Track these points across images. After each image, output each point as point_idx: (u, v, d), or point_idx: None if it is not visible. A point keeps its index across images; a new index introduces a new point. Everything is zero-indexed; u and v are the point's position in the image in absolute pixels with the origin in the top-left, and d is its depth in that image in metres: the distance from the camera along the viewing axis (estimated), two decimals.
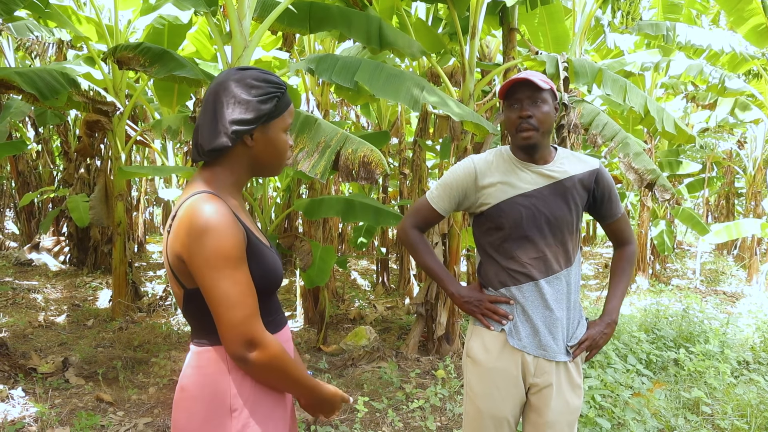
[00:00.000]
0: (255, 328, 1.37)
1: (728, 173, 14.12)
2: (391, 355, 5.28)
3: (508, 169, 2.06)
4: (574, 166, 2.07)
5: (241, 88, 1.44)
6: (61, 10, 6.05)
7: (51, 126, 10.09)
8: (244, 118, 1.43)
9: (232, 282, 1.36)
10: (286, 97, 1.51)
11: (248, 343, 1.36)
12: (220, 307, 1.35)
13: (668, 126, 5.05)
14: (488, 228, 2.08)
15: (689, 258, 13.67)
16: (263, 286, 1.47)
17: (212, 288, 1.35)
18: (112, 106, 5.75)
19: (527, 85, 1.97)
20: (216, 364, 1.44)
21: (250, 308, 1.38)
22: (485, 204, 2.06)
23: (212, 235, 1.35)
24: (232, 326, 1.35)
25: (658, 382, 4.32)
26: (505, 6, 5.63)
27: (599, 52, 8.97)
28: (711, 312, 6.50)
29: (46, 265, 9.76)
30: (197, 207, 1.38)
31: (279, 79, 1.51)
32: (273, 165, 1.54)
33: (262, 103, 1.44)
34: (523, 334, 2.02)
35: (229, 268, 1.36)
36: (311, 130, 3.57)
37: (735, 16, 8.34)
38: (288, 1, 4.19)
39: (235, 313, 1.35)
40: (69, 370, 4.65)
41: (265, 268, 1.47)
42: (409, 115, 10.66)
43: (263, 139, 1.48)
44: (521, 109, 1.98)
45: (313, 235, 6.48)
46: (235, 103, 1.43)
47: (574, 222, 2.06)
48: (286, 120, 1.52)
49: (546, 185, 2.03)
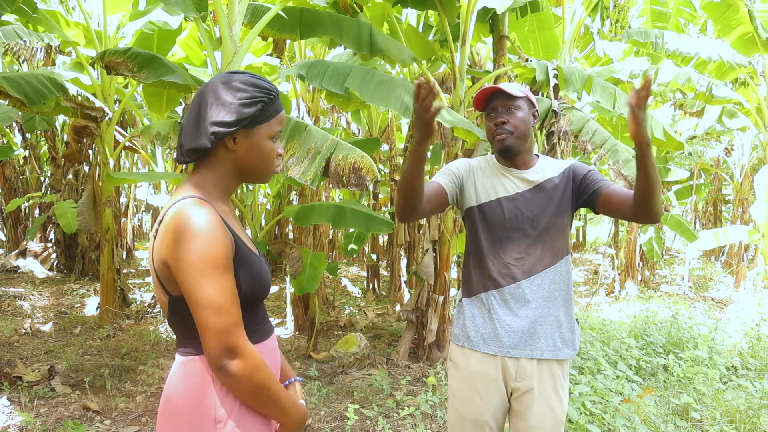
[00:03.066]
0: (237, 337, 1.34)
1: (716, 180, 14.23)
2: (382, 362, 5.26)
3: (493, 173, 2.17)
4: (552, 170, 2.16)
5: (227, 91, 1.43)
6: (49, 14, 6.01)
7: (39, 131, 10.01)
8: (224, 120, 1.41)
9: (217, 288, 1.33)
10: (275, 104, 1.48)
11: (229, 351, 1.33)
12: (203, 314, 1.33)
13: (657, 133, 5.08)
14: (474, 229, 2.16)
15: (678, 264, 13.75)
16: (250, 295, 1.44)
17: (196, 294, 1.33)
18: (100, 111, 5.71)
19: (500, 95, 2.09)
20: (201, 373, 1.41)
21: (234, 316, 1.35)
22: (470, 202, 2.15)
23: (199, 240, 1.33)
24: (213, 334, 1.32)
25: (648, 389, 4.33)
26: (495, 13, 5.65)
27: (589, 60, 9.02)
28: (700, 318, 6.53)
29: (33, 271, 9.65)
30: (185, 211, 1.36)
31: (271, 85, 1.48)
32: (258, 171, 1.51)
33: (244, 106, 1.42)
34: (504, 337, 2.05)
35: (215, 275, 1.33)
36: (301, 136, 3.56)
37: (722, 24, 8.42)
38: (278, 7, 4.18)
39: (219, 320, 1.32)
40: (55, 379, 4.59)
41: (252, 277, 1.45)
42: (400, 122, 10.67)
43: (247, 144, 1.46)
44: (496, 117, 2.10)
45: (303, 241, 6.46)
46: (218, 105, 1.42)
47: (557, 222, 2.11)
48: (273, 127, 1.48)
49: (528, 189, 2.12)
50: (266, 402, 1.42)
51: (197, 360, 1.42)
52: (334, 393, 4.52)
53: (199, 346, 1.39)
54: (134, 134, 5.81)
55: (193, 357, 1.42)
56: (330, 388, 4.61)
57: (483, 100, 2.15)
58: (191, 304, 1.34)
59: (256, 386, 1.38)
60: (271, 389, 1.41)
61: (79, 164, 9.14)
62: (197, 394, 1.40)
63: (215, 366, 1.34)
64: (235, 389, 1.38)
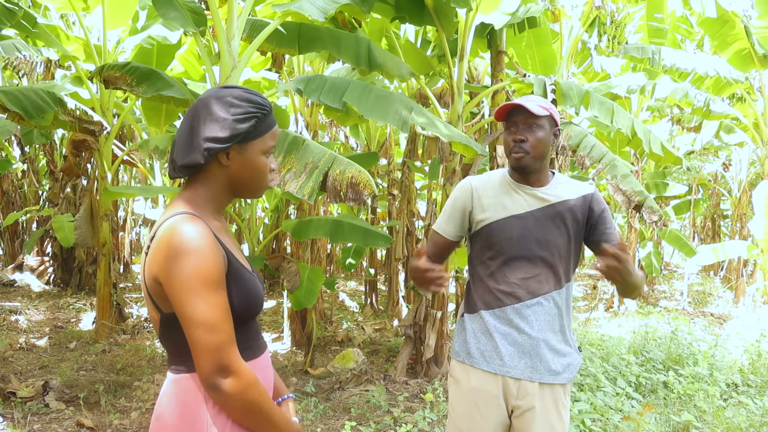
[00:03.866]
0: (230, 355, 1.32)
1: (714, 195, 14.25)
2: (379, 378, 5.22)
3: (504, 190, 2.11)
4: (568, 192, 2.10)
5: (220, 106, 1.41)
6: (49, 29, 6.02)
7: (37, 145, 10.01)
8: (218, 136, 1.39)
9: (208, 305, 1.31)
10: (268, 119, 1.47)
11: (222, 369, 1.31)
12: (195, 332, 1.31)
13: (655, 147, 5.09)
14: (480, 247, 2.12)
15: (677, 279, 13.72)
16: (242, 312, 1.42)
17: (188, 311, 1.31)
18: (98, 125, 5.71)
19: (523, 111, 2.01)
20: (193, 391, 1.39)
21: (227, 334, 1.33)
22: (480, 222, 2.10)
23: (191, 257, 1.31)
24: (206, 351, 1.30)
25: (648, 406, 4.29)
26: (493, 29, 5.67)
27: (586, 75, 9.07)
28: (699, 334, 6.49)
29: (29, 286, 9.61)
30: (177, 227, 1.34)
31: (264, 100, 1.47)
32: (251, 187, 1.49)
33: (238, 122, 1.40)
34: (505, 357, 2.02)
35: (207, 291, 1.32)
36: (299, 151, 3.56)
37: (719, 40, 8.48)
38: (277, 22, 4.19)
39: (211, 338, 1.30)
40: (49, 394, 4.54)
41: (245, 293, 1.43)
42: (398, 137, 10.69)
43: (240, 159, 1.44)
44: (516, 132, 2.03)
45: (301, 256, 6.44)
46: (211, 120, 1.40)
47: (564, 246, 2.07)
48: (266, 142, 1.47)
49: (539, 208, 2.06)
50: (259, 420, 1.39)
51: (189, 378, 1.40)
52: (330, 409, 4.48)
53: (191, 364, 1.37)
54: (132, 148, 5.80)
55: (185, 375, 1.40)
56: (327, 404, 4.57)
57: (505, 112, 2.09)
58: (183, 322, 1.33)
59: (249, 404, 1.36)
60: (264, 407, 1.38)
61: (77, 178, 9.13)
62: (189, 412, 1.38)
63: (207, 384, 1.32)
64: (228, 407, 1.36)
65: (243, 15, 4.27)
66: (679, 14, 9.80)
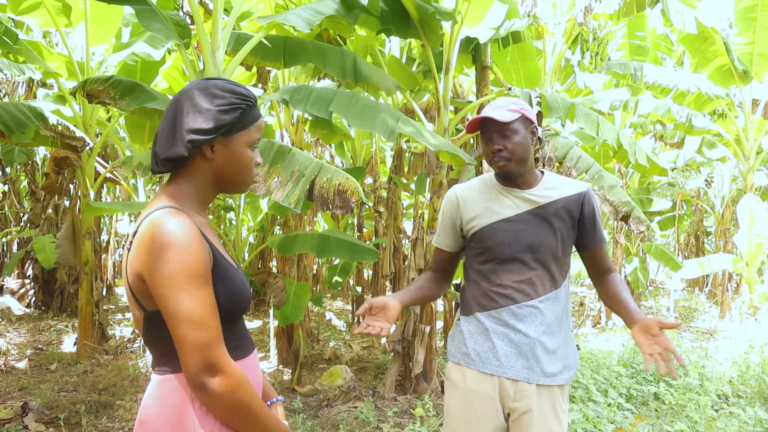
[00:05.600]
0: (218, 353, 1.27)
1: (697, 211, 14.37)
2: (368, 394, 5.13)
3: (491, 195, 2.08)
4: (560, 190, 2.07)
5: (204, 97, 1.37)
6: (31, 45, 5.97)
7: (19, 165, 9.89)
8: (202, 127, 1.35)
9: (194, 301, 1.26)
10: (253, 110, 1.44)
11: (209, 367, 1.25)
12: (180, 328, 1.25)
13: (641, 159, 5.11)
14: (473, 252, 2.10)
15: (663, 296, 13.76)
16: (229, 308, 1.37)
17: (173, 307, 1.26)
18: (81, 141, 5.64)
19: (491, 121, 1.99)
20: (179, 393, 1.33)
21: (214, 331, 1.28)
22: (471, 229, 2.08)
23: (175, 252, 1.26)
24: (192, 349, 1.25)
25: (640, 416, 4.25)
26: (478, 43, 5.72)
27: (570, 92, 9.14)
28: (688, 345, 6.48)
29: (10, 308, 9.41)
30: (160, 222, 1.29)
31: (248, 91, 1.43)
32: (236, 181, 1.45)
33: (223, 113, 1.37)
34: (502, 357, 1.98)
35: (193, 287, 1.26)
36: (285, 160, 3.52)
37: (699, 57, 8.60)
38: (262, 35, 4.18)
39: (197, 335, 1.25)
40: (28, 416, 4.41)
41: (231, 289, 1.38)
42: (384, 154, 10.70)
43: (225, 152, 1.40)
44: (491, 142, 2.01)
45: (287, 273, 6.36)
46: (194, 112, 1.36)
47: (558, 246, 2.04)
48: (252, 134, 1.43)
49: (528, 210, 2.03)
50: (249, 420, 1.33)
51: (174, 379, 1.34)
52: (319, 426, 4.39)
53: (176, 364, 1.32)
54: (116, 165, 5.73)
55: (170, 376, 1.34)
56: (315, 421, 4.48)
57: (475, 126, 2.07)
58: (168, 319, 1.27)
59: (238, 404, 1.30)
60: (253, 407, 1.33)
61: (59, 196, 9.01)
62: (175, 414, 1.32)
63: (194, 383, 1.26)
64: (216, 408, 1.30)
65: (227, 28, 4.25)
66: (660, 32, 9.97)
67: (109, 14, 5.87)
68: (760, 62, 8.72)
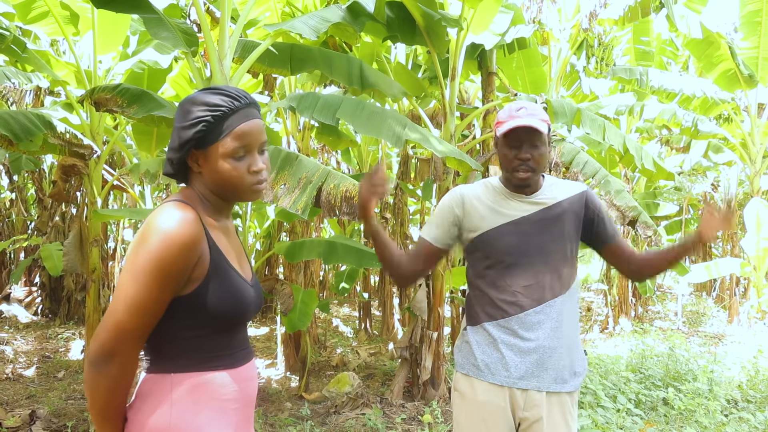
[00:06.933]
0: (128, 347, 1.27)
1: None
2: (376, 401, 5.12)
3: (497, 198, 2.06)
4: (563, 192, 2.06)
5: (179, 114, 1.40)
6: (39, 54, 6.01)
7: (26, 173, 9.93)
8: (172, 145, 1.40)
9: (144, 291, 1.26)
10: (228, 119, 1.38)
11: (113, 354, 1.26)
12: (117, 304, 1.26)
13: (647, 163, 5.10)
14: (478, 258, 2.06)
15: (670, 300, 13.70)
16: (223, 314, 1.37)
17: (125, 284, 1.27)
18: (88, 149, 5.66)
19: (529, 129, 1.95)
20: (160, 392, 1.34)
21: (140, 325, 1.28)
22: (474, 231, 2.04)
23: (157, 239, 1.27)
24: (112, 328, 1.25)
25: (650, 422, 4.23)
26: (483, 50, 5.73)
27: (575, 98, 9.14)
28: (696, 350, 6.46)
29: (17, 317, 9.44)
30: (159, 211, 1.32)
31: (224, 100, 1.38)
32: (227, 191, 1.43)
33: (184, 129, 1.37)
34: (512, 367, 1.96)
35: (152, 278, 1.26)
36: (292, 166, 3.53)
37: (705, 61, 8.60)
38: (269, 42, 4.20)
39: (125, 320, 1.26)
40: (36, 424, 4.42)
41: (228, 295, 1.37)
42: (390, 161, 10.70)
43: (206, 165, 1.40)
44: (520, 150, 1.96)
45: (294, 279, 6.36)
46: (173, 129, 1.41)
47: (566, 248, 2.02)
48: (226, 145, 1.37)
49: (534, 212, 2.02)
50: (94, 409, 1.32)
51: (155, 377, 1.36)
52: None
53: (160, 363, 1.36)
54: (123, 172, 5.75)
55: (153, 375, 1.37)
56: (323, 428, 4.47)
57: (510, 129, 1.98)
58: (116, 293, 1.28)
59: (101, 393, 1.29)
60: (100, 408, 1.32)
61: (67, 204, 9.05)
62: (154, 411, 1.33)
63: (92, 355, 1.27)
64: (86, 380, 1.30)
65: (234, 35, 4.27)
66: (665, 37, 9.97)
67: (117, 23, 5.90)
68: (766, 66, 8.71)
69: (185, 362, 1.36)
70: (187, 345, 1.36)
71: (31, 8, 5.67)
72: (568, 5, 7.09)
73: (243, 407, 1.44)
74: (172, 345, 1.36)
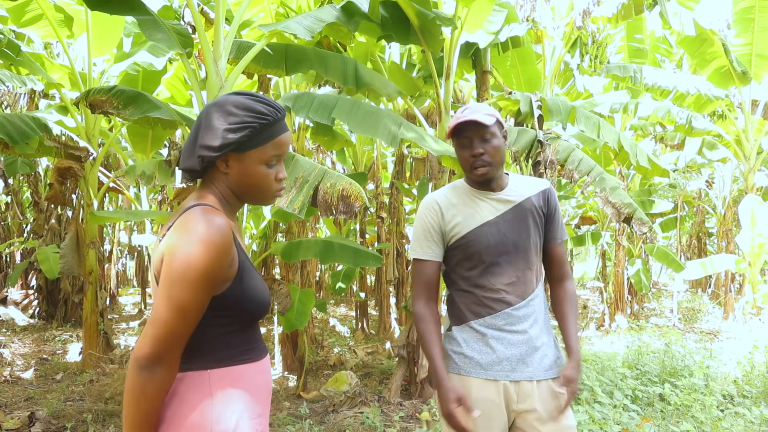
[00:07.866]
0: (176, 351, 1.33)
1: (699, 213, 14.37)
2: (374, 399, 5.14)
3: (468, 200, 2.09)
4: (528, 189, 2.12)
5: (218, 114, 1.42)
6: (33, 57, 6.01)
7: (21, 176, 9.92)
8: (210, 144, 1.41)
9: (191, 297, 1.31)
10: (271, 128, 1.44)
11: (160, 358, 1.30)
12: (168, 311, 1.30)
13: (642, 161, 5.13)
14: (459, 259, 2.09)
15: (666, 297, 13.75)
16: (254, 311, 1.43)
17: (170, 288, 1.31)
18: (84, 151, 5.67)
19: (474, 124, 2.00)
20: (198, 390, 1.37)
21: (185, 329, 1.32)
22: (454, 236, 2.07)
23: (201, 246, 1.31)
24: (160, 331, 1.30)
25: (646, 417, 4.25)
26: (478, 48, 5.75)
27: (570, 96, 9.16)
28: (692, 347, 6.49)
29: (14, 319, 9.42)
30: (201, 215, 1.35)
31: (268, 108, 1.44)
32: (252, 195, 1.49)
33: (230, 132, 1.40)
34: (504, 361, 2.00)
35: (196, 284, 1.31)
36: (288, 166, 3.54)
37: (699, 58, 8.62)
38: (264, 42, 4.21)
39: (177, 327, 1.30)
40: (35, 426, 4.42)
41: (256, 292, 1.44)
42: (386, 160, 10.72)
43: (238, 167, 1.44)
44: (472, 148, 2.01)
45: (291, 279, 6.37)
46: (207, 128, 1.42)
47: (537, 243, 2.10)
48: (266, 152, 1.44)
49: (507, 210, 2.07)
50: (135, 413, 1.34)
51: (195, 375, 1.39)
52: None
53: (195, 361, 1.38)
54: (119, 174, 5.75)
55: (190, 372, 1.39)
56: (321, 427, 4.48)
57: (456, 129, 2.05)
58: (161, 296, 1.31)
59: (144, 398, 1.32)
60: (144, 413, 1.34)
61: (63, 207, 9.04)
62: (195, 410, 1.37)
63: (139, 363, 1.30)
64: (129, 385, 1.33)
65: (229, 36, 4.28)
66: (659, 35, 10.00)
67: (111, 25, 5.91)
68: (759, 63, 8.74)
69: (220, 358, 1.41)
70: (221, 341, 1.41)
71: (25, 11, 5.67)
72: (561, 3, 7.11)
73: (267, 397, 1.52)
74: (207, 343, 1.40)
